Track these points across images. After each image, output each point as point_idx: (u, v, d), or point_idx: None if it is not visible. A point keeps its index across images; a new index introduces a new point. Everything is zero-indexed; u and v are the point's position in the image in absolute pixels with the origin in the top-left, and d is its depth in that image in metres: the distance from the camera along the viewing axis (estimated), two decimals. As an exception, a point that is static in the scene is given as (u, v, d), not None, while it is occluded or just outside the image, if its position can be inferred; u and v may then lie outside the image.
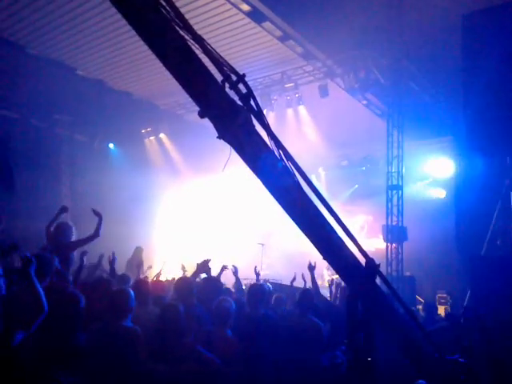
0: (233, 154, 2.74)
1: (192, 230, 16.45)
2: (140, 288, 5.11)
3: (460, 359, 3.42)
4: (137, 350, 4.06)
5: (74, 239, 6.65)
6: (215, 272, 6.88)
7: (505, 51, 9.51)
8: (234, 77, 2.63)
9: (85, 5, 10.19)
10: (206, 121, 2.66)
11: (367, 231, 18.32)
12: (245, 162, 2.78)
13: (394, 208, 12.45)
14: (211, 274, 6.49)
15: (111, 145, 17.09)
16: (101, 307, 4.53)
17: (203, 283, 6.14)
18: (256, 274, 8.39)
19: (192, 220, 16.86)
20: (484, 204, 10.61)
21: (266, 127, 2.75)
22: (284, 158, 2.82)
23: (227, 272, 7.57)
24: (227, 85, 2.61)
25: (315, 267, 6.97)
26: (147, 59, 11.88)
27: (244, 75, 2.64)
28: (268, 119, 2.82)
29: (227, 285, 7.58)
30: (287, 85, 14.05)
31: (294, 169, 2.85)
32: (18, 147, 13.04)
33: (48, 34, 11.40)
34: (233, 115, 2.60)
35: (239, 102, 2.66)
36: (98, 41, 11.75)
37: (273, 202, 2.96)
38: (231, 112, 2.60)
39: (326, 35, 10.91)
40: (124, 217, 13.83)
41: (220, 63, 2.58)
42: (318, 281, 8.77)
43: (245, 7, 10.32)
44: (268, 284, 8.26)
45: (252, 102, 2.68)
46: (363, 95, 13.49)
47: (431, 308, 9.52)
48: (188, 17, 2.51)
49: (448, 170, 15.39)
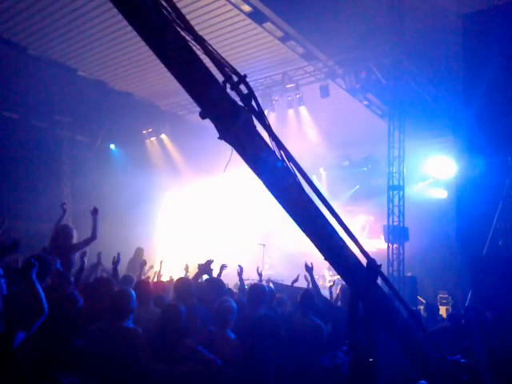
0: (234, 155, 2.74)
1: (193, 231, 16.44)
2: (141, 288, 5.11)
3: (461, 360, 3.42)
4: (138, 351, 4.06)
5: (75, 241, 6.67)
6: (215, 272, 6.88)
7: (505, 51, 9.52)
8: (235, 77, 2.62)
9: (86, 6, 10.21)
10: (207, 121, 2.66)
11: (368, 232, 18.32)
12: (246, 163, 2.78)
13: (395, 208, 12.43)
14: (213, 275, 6.50)
15: (112, 145, 17.13)
16: (101, 307, 4.53)
17: (205, 284, 6.14)
18: (258, 275, 8.40)
19: (193, 221, 16.86)
20: (485, 204, 10.60)
21: (267, 128, 2.74)
22: (285, 159, 2.81)
23: (230, 272, 7.58)
24: (228, 85, 2.61)
25: (313, 268, 6.94)
26: (148, 60, 11.90)
27: (245, 76, 2.64)
28: (269, 120, 2.82)
29: (228, 285, 7.59)
30: (288, 85, 14.05)
31: (295, 169, 2.85)
32: (20, 148, 13.07)
33: (50, 35, 11.42)
34: (234, 116, 2.60)
35: (240, 103, 2.66)
36: (100, 42, 11.77)
37: (274, 203, 2.95)
38: (232, 113, 2.60)
39: (327, 36, 10.92)
40: (125, 217, 13.86)
41: (221, 64, 2.58)
42: (320, 281, 8.78)
43: (246, 8, 10.34)
44: (270, 284, 8.28)
45: (253, 103, 2.68)
46: (364, 95, 13.49)
47: (433, 308, 9.50)
48: (189, 18, 2.51)
49: (449, 170, 15.35)
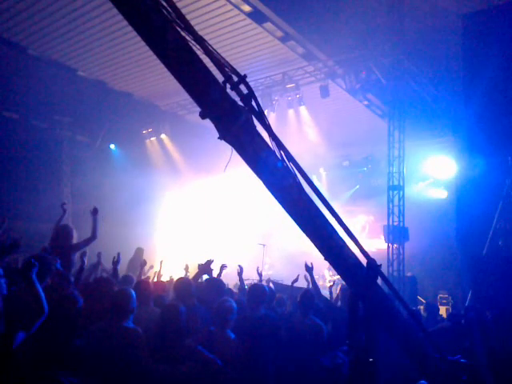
0: (234, 155, 2.74)
1: (193, 231, 16.45)
2: (141, 288, 5.11)
3: (461, 360, 3.42)
4: (138, 351, 4.06)
5: (75, 241, 6.68)
6: (215, 272, 6.88)
7: (505, 51, 9.53)
8: (236, 77, 2.62)
9: (86, 6, 10.21)
10: (207, 121, 2.66)
11: (368, 232, 18.35)
12: (246, 163, 2.78)
13: (395, 208, 12.43)
14: (213, 275, 6.50)
15: (112, 145, 17.13)
16: (101, 307, 4.53)
17: (205, 284, 6.14)
18: (258, 275, 8.40)
19: (193, 221, 16.87)
20: (485, 204, 10.61)
21: (268, 128, 2.74)
22: (285, 159, 2.81)
23: (229, 272, 7.58)
24: (228, 85, 2.61)
25: (313, 268, 6.94)
26: (148, 60, 11.91)
27: (245, 76, 2.64)
28: (269, 120, 2.82)
29: (228, 285, 7.59)
30: (288, 85, 14.04)
31: (295, 169, 2.85)
32: (20, 148, 13.07)
33: (49, 35, 11.42)
34: (234, 116, 2.60)
35: (240, 103, 2.66)
36: (100, 42, 11.77)
37: (274, 203, 2.95)
38: (232, 113, 2.60)
39: (327, 36, 10.93)
40: (125, 217, 13.87)
41: (221, 64, 2.57)
42: (320, 281, 8.76)
43: (246, 8, 10.34)
44: (270, 284, 8.27)
45: (253, 103, 2.68)
46: (364, 96, 13.50)
47: (433, 308, 9.51)
48: (189, 18, 2.51)
49: (449, 170, 15.37)
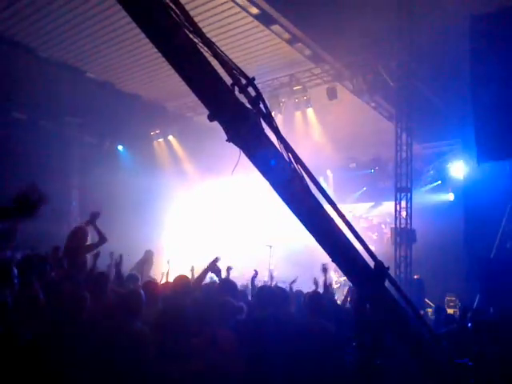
0: (241, 157, 2.75)
1: (200, 232, 16.47)
2: (149, 288, 5.13)
3: (469, 363, 3.41)
4: (145, 351, 4.08)
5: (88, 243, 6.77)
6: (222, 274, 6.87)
7: (514, 53, 9.48)
8: (244, 80, 2.64)
9: (95, 8, 10.28)
10: (215, 123, 2.67)
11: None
12: (254, 165, 2.79)
13: (403, 210, 12.40)
14: (221, 276, 6.50)
15: (120, 147, 17.18)
16: (101, 304, 4.58)
17: (219, 285, 6.12)
18: (270, 277, 8.37)
19: (200, 222, 16.89)
20: (493, 207, 10.57)
21: (275, 130, 2.75)
22: (293, 161, 2.82)
23: (236, 276, 7.56)
24: (237, 88, 2.62)
25: (327, 270, 6.94)
26: (156, 61, 11.96)
27: (253, 78, 2.65)
28: (276, 122, 2.82)
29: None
30: (296, 87, 14.03)
31: (303, 171, 2.85)
32: (28, 149, 13.13)
33: (59, 37, 11.51)
34: (242, 118, 2.61)
35: (248, 105, 2.67)
36: (108, 44, 11.84)
37: (280, 204, 2.96)
38: (241, 115, 2.61)
39: (335, 38, 10.90)
40: (133, 218, 13.91)
41: (229, 66, 2.59)
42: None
43: (253, 10, 10.36)
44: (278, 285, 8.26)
45: (261, 105, 2.69)
46: (372, 98, 13.47)
47: (440, 311, 9.48)
48: (197, 20, 2.53)
49: (457, 173, 15.32)
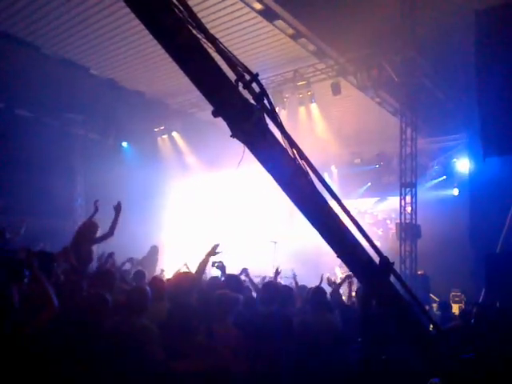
0: (246, 153, 2.75)
1: (204, 228, 16.50)
2: (155, 285, 5.14)
3: (473, 358, 3.41)
4: (152, 347, 4.08)
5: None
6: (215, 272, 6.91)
7: (519, 47, 9.42)
8: (248, 76, 2.63)
9: (98, 5, 10.29)
10: (219, 119, 2.67)
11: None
12: (258, 161, 2.78)
13: (408, 206, 12.37)
14: (226, 272, 6.51)
15: (124, 143, 17.21)
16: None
17: (224, 281, 6.13)
18: (276, 273, 8.36)
19: (204, 218, 16.92)
20: (498, 202, 10.54)
21: (280, 126, 2.75)
22: (297, 157, 2.82)
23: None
24: (240, 84, 2.61)
25: (335, 282, 7.03)
26: (160, 58, 11.96)
27: (257, 74, 2.64)
28: (280, 117, 2.82)
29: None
30: (299, 83, 14.00)
31: (307, 167, 2.85)
32: (32, 146, 13.17)
33: (62, 35, 11.53)
34: (246, 114, 2.60)
35: (252, 101, 2.67)
36: (112, 40, 11.86)
37: (285, 200, 2.96)
38: (245, 111, 2.61)
39: (339, 33, 10.88)
40: (137, 214, 13.93)
41: (233, 62, 2.58)
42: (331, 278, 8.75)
43: (257, 6, 10.34)
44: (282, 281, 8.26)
45: (265, 101, 2.68)
46: (376, 93, 13.43)
47: (446, 306, 9.48)
48: (200, 16, 2.52)
49: (462, 168, 15.29)
